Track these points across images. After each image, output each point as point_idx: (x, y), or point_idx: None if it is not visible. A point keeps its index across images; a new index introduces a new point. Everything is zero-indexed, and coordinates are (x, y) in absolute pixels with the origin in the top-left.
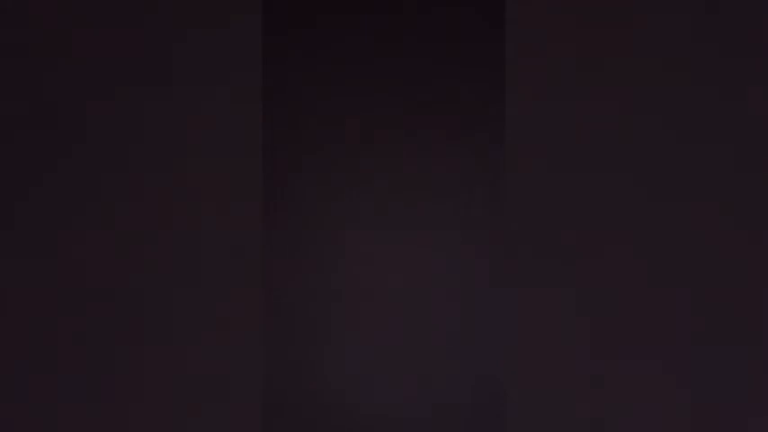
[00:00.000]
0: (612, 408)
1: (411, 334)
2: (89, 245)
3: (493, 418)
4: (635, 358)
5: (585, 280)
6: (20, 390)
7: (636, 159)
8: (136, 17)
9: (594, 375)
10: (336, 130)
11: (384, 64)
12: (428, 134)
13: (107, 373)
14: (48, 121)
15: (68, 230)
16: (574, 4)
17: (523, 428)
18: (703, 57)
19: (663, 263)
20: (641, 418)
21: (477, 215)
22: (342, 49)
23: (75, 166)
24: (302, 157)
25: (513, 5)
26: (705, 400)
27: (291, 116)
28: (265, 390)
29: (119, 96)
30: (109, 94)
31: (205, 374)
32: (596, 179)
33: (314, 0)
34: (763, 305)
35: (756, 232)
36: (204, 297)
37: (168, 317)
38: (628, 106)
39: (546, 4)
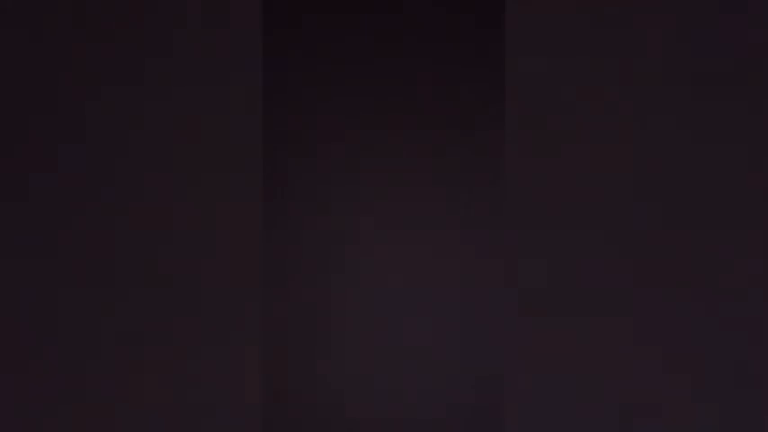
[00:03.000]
0: (612, 407)
1: (411, 334)
2: (88, 245)
3: (493, 417)
4: (635, 358)
5: (586, 279)
6: (20, 391)
7: (636, 159)
8: (136, 17)
9: (594, 375)
10: (336, 130)
11: (384, 64)
12: (428, 134)
13: (107, 374)
14: (47, 120)
15: (68, 231)
16: (573, 4)
17: (523, 428)
18: (704, 57)
19: (664, 262)
20: (642, 418)
21: (477, 215)
22: (342, 49)
23: (74, 166)
24: (302, 157)
25: (513, 5)
26: (705, 399)
27: (291, 116)
28: (265, 390)
29: (119, 96)
30: (109, 94)
31: (205, 375)
32: (596, 179)
33: (314, 0)
34: (765, 306)
35: (758, 232)
36: (204, 297)
37: (168, 317)
38: (628, 106)
39: (546, 5)
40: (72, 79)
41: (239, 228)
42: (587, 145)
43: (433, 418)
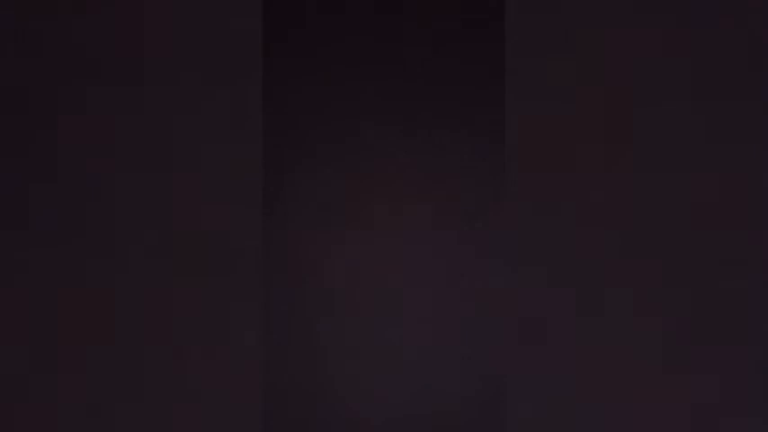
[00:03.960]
0: (612, 407)
1: (411, 334)
2: (89, 244)
3: (493, 417)
4: (635, 357)
5: (585, 279)
6: (20, 390)
7: (635, 158)
8: (136, 17)
9: (595, 374)
10: (336, 131)
11: (384, 64)
12: (428, 134)
13: (107, 373)
14: (47, 120)
15: (68, 230)
16: (573, 4)
17: (523, 428)
18: (704, 56)
19: (663, 262)
20: (641, 417)
21: (478, 215)
22: (342, 49)
23: (74, 165)
24: (302, 157)
25: (513, 6)
26: (705, 399)
27: (291, 116)
28: (265, 390)
29: (119, 96)
30: (109, 94)
31: (205, 374)
32: (597, 179)
33: (314, 0)
34: (763, 305)
35: (757, 232)
36: (204, 297)
37: (168, 317)
38: (627, 106)
39: (546, 5)
40: (72, 78)
41: (239, 228)
42: (587, 145)
43: (434, 417)
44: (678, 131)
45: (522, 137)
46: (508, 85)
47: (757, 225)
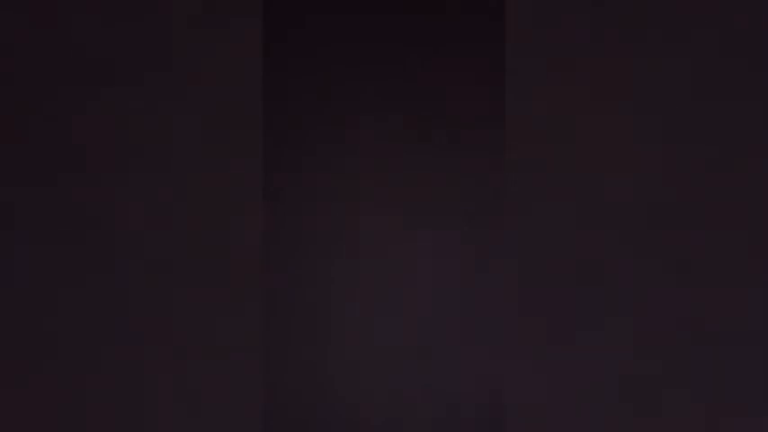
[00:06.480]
0: (612, 407)
1: (411, 334)
2: (89, 245)
3: (493, 417)
4: (635, 358)
5: (585, 280)
6: (20, 390)
7: (636, 159)
8: (136, 17)
9: (594, 375)
10: (336, 131)
11: (384, 64)
12: (428, 134)
13: (107, 374)
14: (47, 120)
15: (68, 230)
16: (573, 4)
17: (523, 428)
18: (704, 56)
19: (664, 262)
20: (641, 418)
21: (478, 215)
22: (342, 49)
23: (74, 166)
24: (302, 157)
25: (513, 6)
26: (705, 400)
27: (291, 116)
28: (265, 390)
29: (119, 96)
30: (109, 94)
31: (205, 375)
32: (596, 179)
33: (314, 0)
34: (764, 305)
35: (757, 232)
36: (204, 297)
37: (168, 317)
38: (628, 106)
39: (545, 5)
40: (72, 78)
41: (239, 227)
42: (588, 144)
43: (433, 417)
44: (678, 131)
45: (522, 137)
46: (508, 86)
47: (757, 225)
